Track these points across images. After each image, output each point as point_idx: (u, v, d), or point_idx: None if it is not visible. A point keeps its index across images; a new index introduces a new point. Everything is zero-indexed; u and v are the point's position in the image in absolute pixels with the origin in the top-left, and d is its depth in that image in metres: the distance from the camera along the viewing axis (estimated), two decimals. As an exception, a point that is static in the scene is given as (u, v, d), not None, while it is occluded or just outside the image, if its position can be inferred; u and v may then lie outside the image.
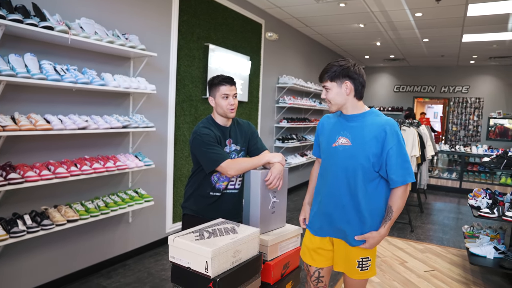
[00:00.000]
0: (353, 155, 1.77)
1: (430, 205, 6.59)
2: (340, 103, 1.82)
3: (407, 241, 4.54)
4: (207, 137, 2.00)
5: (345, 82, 1.78)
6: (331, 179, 1.85)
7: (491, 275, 3.61)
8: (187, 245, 1.56)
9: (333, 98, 1.82)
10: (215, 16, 4.59)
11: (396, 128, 1.75)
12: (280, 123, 6.31)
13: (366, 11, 5.50)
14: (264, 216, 1.98)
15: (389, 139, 1.72)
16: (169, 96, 3.94)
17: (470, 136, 10.22)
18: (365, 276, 1.88)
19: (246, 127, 2.26)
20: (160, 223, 3.98)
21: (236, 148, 2.18)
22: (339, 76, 1.78)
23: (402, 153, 1.73)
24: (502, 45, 7.35)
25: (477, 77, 10.09)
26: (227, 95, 2.07)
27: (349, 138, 1.80)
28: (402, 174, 1.72)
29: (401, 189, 1.76)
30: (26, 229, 2.43)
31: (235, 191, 2.16)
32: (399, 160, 1.72)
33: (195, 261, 1.53)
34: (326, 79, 1.81)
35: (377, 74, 11.41)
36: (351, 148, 1.78)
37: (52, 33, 2.45)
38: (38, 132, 2.42)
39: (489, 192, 3.74)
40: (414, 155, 5.16)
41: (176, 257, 1.60)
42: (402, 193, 1.76)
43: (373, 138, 1.74)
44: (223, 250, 1.54)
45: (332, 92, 1.81)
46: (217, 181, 2.11)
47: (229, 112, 2.09)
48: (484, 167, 7.57)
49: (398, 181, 1.73)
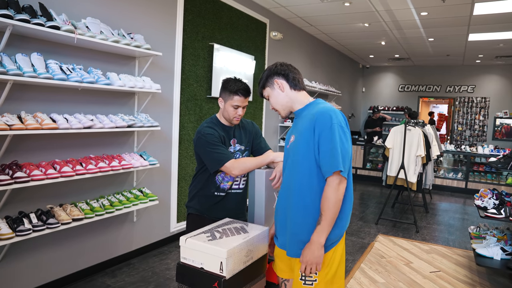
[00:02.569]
0: (295, 150, 1.61)
1: (436, 206, 6.55)
2: (284, 103, 1.71)
3: (412, 241, 4.51)
4: (211, 137, 2.00)
5: (275, 81, 1.70)
6: (283, 181, 1.70)
7: (498, 277, 3.58)
8: (201, 246, 1.55)
9: (275, 102, 1.72)
10: (220, 16, 4.58)
11: (330, 114, 1.54)
12: (285, 123, 6.30)
13: (371, 10, 5.47)
14: (269, 215, 1.98)
15: (320, 125, 1.53)
16: (174, 95, 3.95)
17: (475, 136, 10.15)
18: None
19: (250, 126, 2.26)
20: (165, 222, 3.98)
21: (241, 148, 2.18)
22: (268, 79, 1.72)
23: (332, 140, 1.51)
24: (508, 43, 7.28)
25: (483, 76, 10.01)
26: (238, 106, 2.06)
27: (295, 134, 1.65)
28: (329, 162, 1.49)
29: (331, 182, 1.50)
30: (32, 227, 2.44)
31: (239, 190, 2.17)
32: (328, 147, 1.50)
33: (209, 262, 1.52)
34: (260, 90, 1.76)
35: (382, 73, 11.36)
36: (294, 144, 1.64)
37: (59, 32, 2.46)
38: (44, 131, 2.43)
39: (496, 192, 3.71)
40: (419, 155, 5.13)
41: (189, 258, 1.59)
42: (331, 190, 1.49)
43: (308, 127, 1.57)
44: (237, 250, 1.53)
45: (272, 96, 1.72)
46: (222, 181, 2.11)
47: (234, 120, 2.10)
48: (490, 167, 7.51)
49: (325, 170, 1.50)
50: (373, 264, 3.75)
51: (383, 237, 4.61)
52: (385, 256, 3.97)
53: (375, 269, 3.62)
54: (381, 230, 4.89)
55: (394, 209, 6.07)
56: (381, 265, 3.74)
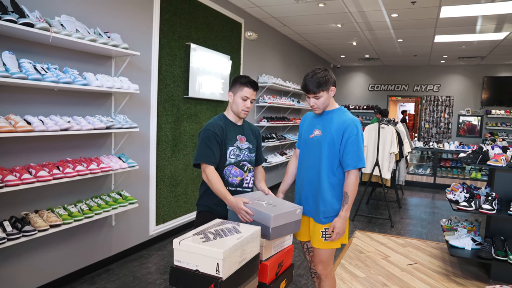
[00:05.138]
0: (323, 143, 2.13)
1: (407, 201, 6.80)
2: (326, 105, 2.17)
3: (388, 236, 4.66)
4: (208, 133, 2.13)
5: (332, 88, 2.14)
6: (307, 165, 2.21)
7: (469, 266, 3.77)
8: (196, 247, 1.52)
9: (323, 103, 2.14)
10: (196, 15, 4.54)
11: (357, 124, 2.11)
12: (260, 122, 6.32)
13: (344, 12, 5.60)
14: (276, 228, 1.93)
15: (349, 131, 2.08)
16: (151, 95, 3.87)
17: (441, 133, 10.61)
18: (329, 245, 2.15)
19: (257, 133, 2.40)
20: (144, 225, 3.90)
21: (249, 146, 2.28)
22: (329, 85, 2.11)
23: (358, 144, 2.08)
24: (470, 45, 7.68)
25: (447, 76, 10.49)
26: (247, 98, 2.19)
27: (321, 129, 2.17)
28: (355, 160, 2.07)
29: (352, 174, 2.09)
30: (6, 236, 2.31)
31: (248, 189, 2.26)
32: (355, 148, 2.07)
33: (205, 264, 1.50)
34: (319, 90, 2.09)
35: (352, 73, 11.64)
36: (322, 137, 2.15)
37: (33, 30, 2.34)
38: (18, 134, 2.31)
39: (466, 186, 3.90)
40: (393, 152, 5.30)
41: (183, 260, 1.56)
42: (353, 178, 2.09)
43: (338, 129, 2.10)
44: (232, 250, 1.52)
45: (323, 98, 2.12)
46: (229, 175, 2.18)
47: (242, 113, 2.23)
48: (456, 163, 7.88)
49: (351, 164, 2.07)
50: (353, 259, 3.84)
51: (361, 233, 4.73)
52: (363, 251, 4.07)
53: (355, 264, 3.71)
54: (357, 226, 5.02)
55: (369, 205, 6.24)
56: (361, 260, 3.83)
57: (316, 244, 2.18)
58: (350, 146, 2.07)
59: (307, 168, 2.21)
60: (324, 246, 2.16)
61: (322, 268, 2.23)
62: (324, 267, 2.23)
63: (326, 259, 2.21)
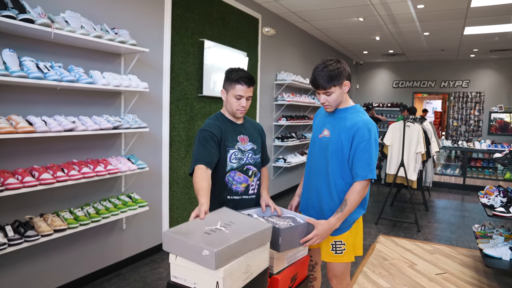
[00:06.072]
0: (330, 145, 1.89)
1: (435, 203, 6.42)
2: (339, 102, 1.90)
3: (414, 241, 4.36)
4: (204, 133, 1.93)
5: (346, 83, 1.85)
6: (316, 170, 1.98)
7: (506, 277, 3.44)
8: (193, 263, 1.35)
9: (336, 100, 1.87)
10: (210, 11, 4.38)
11: (370, 127, 1.83)
12: (279, 121, 6.11)
13: (366, 4, 5.31)
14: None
15: (360, 136, 1.81)
16: (163, 94, 3.73)
17: (471, 131, 10.07)
18: (340, 259, 1.94)
19: (260, 130, 2.17)
20: (156, 229, 3.77)
21: (253, 147, 2.04)
22: (342, 78, 1.83)
23: (369, 151, 1.81)
24: (504, 37, 7.18)
25: (477, 71, 9.93)
26: (241, 96, 1.95)
27: (330, 129, 1.92)
28: (365, 170, 1.80)
29: (360, 184, 1.82)
30: (7, 241, 2.22)
31: (253, 196, 2.03)
32: (365, 156, 1.80)
33: (204, 282, 1.33)
34: (330, 86, 1.81)
35: (376, 69, 11.23)
36: (329, 139, 1.90)
37: (33, 26, 2.24)
38: (20, 135, 2.22)
39: (502, 189, 3.56)
40: (420, 152, 4.99)
41: (180, 276, 1.39)
42: (360, 189, 1.82)
43: (347, 132, 1.84)
44: (235, 267, 1.34)
45: (335, 94, 1.85)
46: (233, 182, 1.95)
47: (238, 113, 2.00)
48: (488, 163, 7.41)
49: (360, 175, 1.81)
50: (376, 267, 3.58)
51: (384, 238, 4.45)
52: (388, 258, 3.80)
53: (379, 273, 3.45)
54: (381, 231, 4.73)
55: (393, 208, 5.92)
56: (385, 268, 3.57)
57: (326, 257, 1.98)
58: (361, 153, 1.81)
59: (315, 172, 1.98)
60: (335, 259, 1.96)
61: (337, 283, 2.03)
62: (338, 281, 2.03)
63: (340, 274, 2.01)
